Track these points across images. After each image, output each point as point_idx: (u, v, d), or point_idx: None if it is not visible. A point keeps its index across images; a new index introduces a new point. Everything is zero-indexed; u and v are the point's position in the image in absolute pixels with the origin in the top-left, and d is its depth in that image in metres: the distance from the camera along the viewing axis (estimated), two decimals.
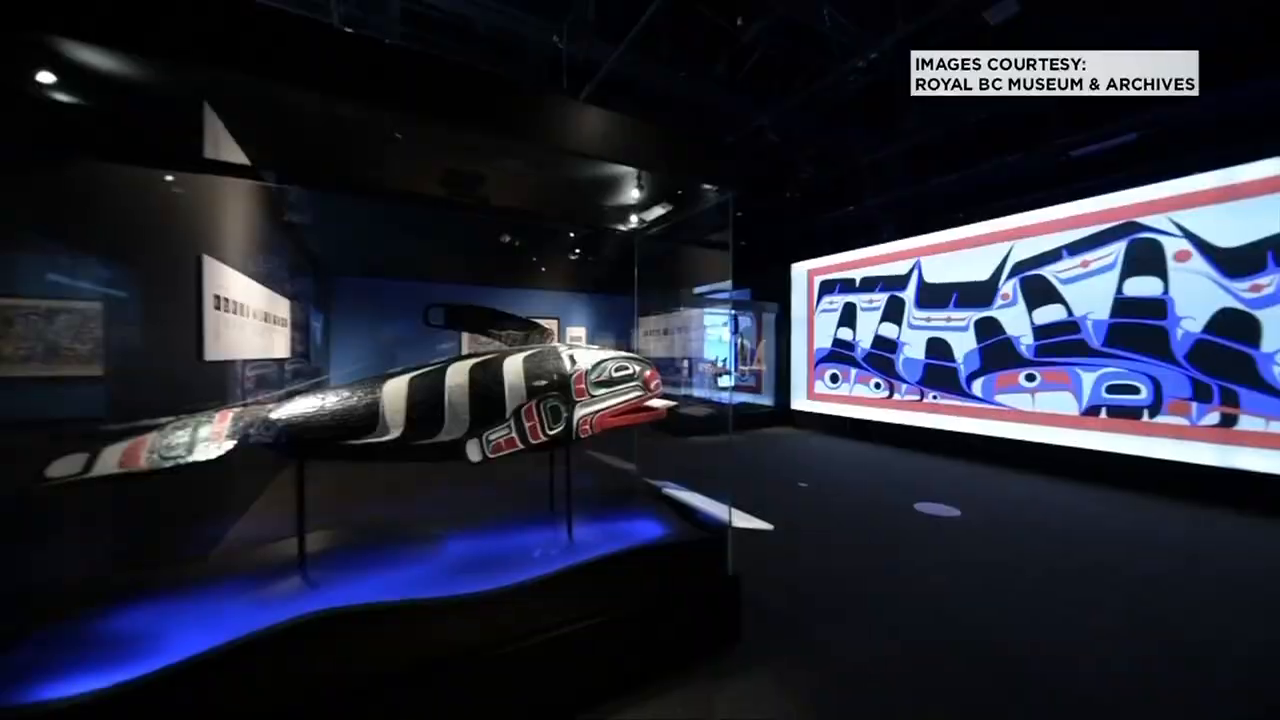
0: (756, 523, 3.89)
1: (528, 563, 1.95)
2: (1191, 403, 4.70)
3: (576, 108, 2.24)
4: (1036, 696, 1.99)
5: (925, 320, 7.01)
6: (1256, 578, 3.02)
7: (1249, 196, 4.43)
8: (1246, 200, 4.44)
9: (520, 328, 2.34)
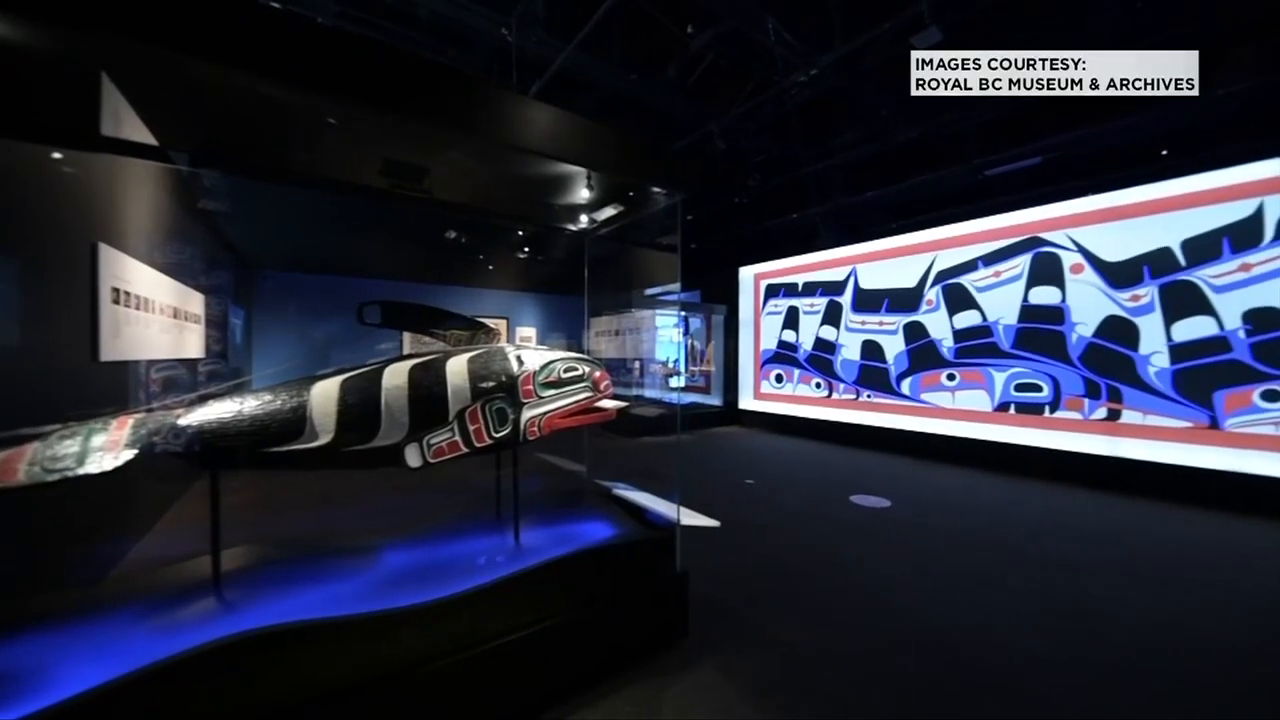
0: (704, 520, 3.98)
1: (471, 571, 1.90)
2: (1084, 399, 5.30)
3: (526, 103, 2.20)
4: (965, 672, 2.16)
5: (860, 324, 7.45)
6: (1141, 554, 3.44)
7: (1130, 217, 5.06)
8: (1128, 220, 5.06)
9: (465, 327, 2.28)
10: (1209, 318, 4.56)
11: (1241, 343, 4.40)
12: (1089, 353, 5.26)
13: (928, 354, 6.60)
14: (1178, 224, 4.76)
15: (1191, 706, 1.96)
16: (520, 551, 2.09)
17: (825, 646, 2.34)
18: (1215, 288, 4.54)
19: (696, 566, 2.94)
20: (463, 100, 1.88)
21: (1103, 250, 5.21)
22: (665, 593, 2.33)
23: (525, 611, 1.87)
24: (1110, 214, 5.18)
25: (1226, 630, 2.48)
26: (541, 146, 2.01)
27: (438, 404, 1.81)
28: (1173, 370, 4.76)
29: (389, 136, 2.35)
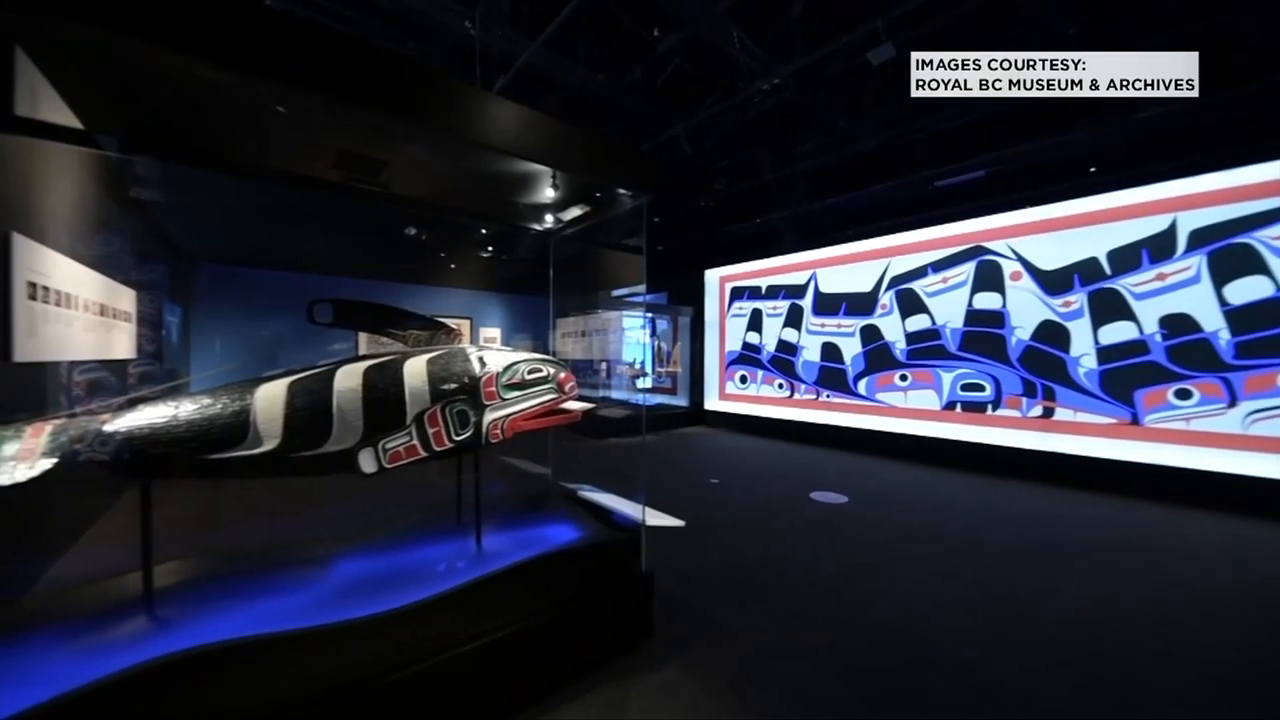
0: (670, 520, 4.01)
1: (431, 578, 1.84)
2: (1022, 398, 5.66)
3: (489, 100, 2.16)
4: (915, 657, 2.26)
5: (820, 326, 7.70)
6: (1073, 542, 3.70)
7: (1063, 229, 5.45)
8: (1061, 231, 5.45)
9: (425, 328, 2.21)
10: (1130, 323, 4.98)
11: (1158, 345, 4.82)
12: (1027, 355, 5.64)
13: (882, 356, 6.89)
14: (1104, 236, 5.17)
15: (1114, 675, 2.12)
16: (482, 557, 2.05)
17: (786, 640, 2.40)
18: (1136, 295, 4.96)
19: (662, 566, 2.96)
20: (423, 94, 1.83)
21: (1039, 259, 5.59)
22: (631, 593, 2.34)
23: (487, 618, 1.83)
24: (1045, 225, 5.57)
25: (1146, 608, 2.70)
26: (505, 144, 1.98)
27: (395, 407, 1.75)
28: (1100, 371, 5.16)
29: (345, 128, 2.26)
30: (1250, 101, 4.54)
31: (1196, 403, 4.63)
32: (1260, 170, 4.38)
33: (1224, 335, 4.50)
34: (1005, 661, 2.24)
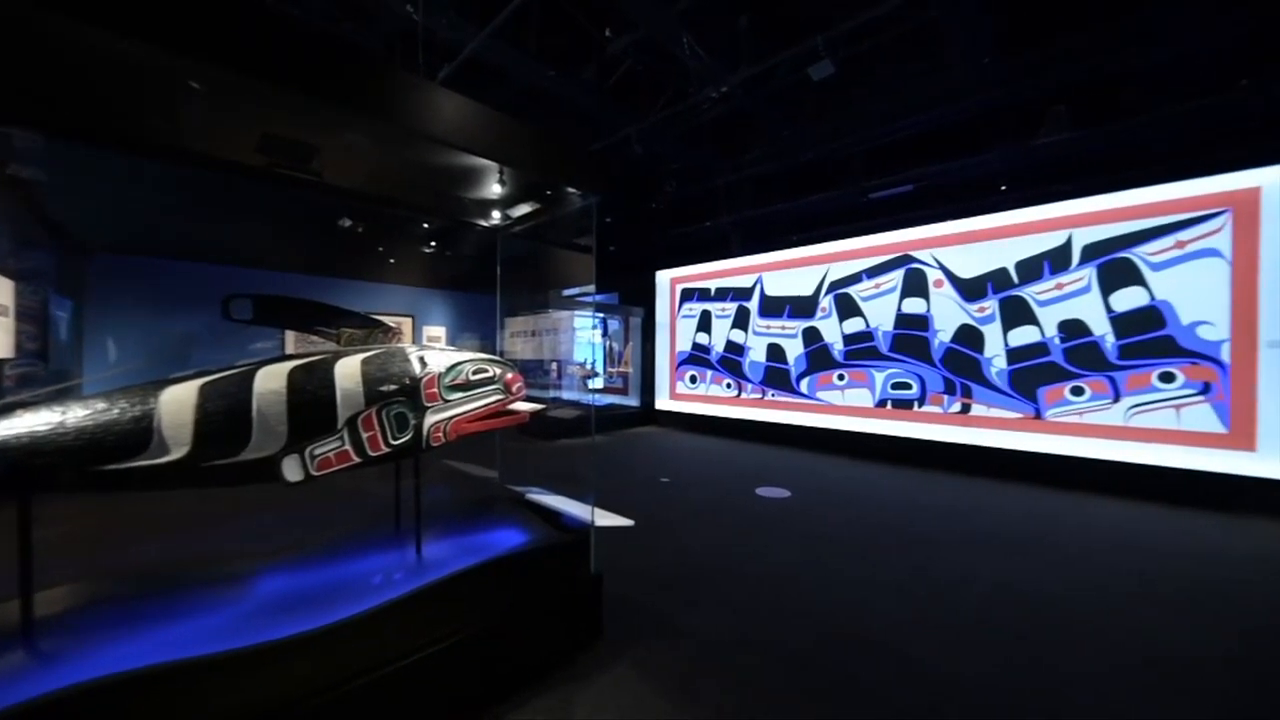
0: (619, 520, 4.02)
1: (364, 592, 1.74)
2: (944, 395, 6.15)
3: (431, 89, 2.07)
4: (852, 642, 2.39)
5: (766, 328, 7.99)
6: (988, 528, 4.05)
7: (978, 241, 5.96)
8: (978, 243, 5.96)
9: (360, 326, 2.10)
10: (1034, 327, 5.53)
11: (1057, 348, 5.39)
12: (948, 356, 6.12)
13: (822, 356, 7.26)
14: (1012, 248, 5.71)
15: (1027, 652, 2.35)
16: (422, 566, 1.97)
17: (731, 633, 2.47)
18: (1039, 302, 5.51)
19: (611, 566, 2.96)
20: (356, 78, 1.73)
21: (958, 268, 6.09)
22: (580, 596, 2.32)
23: (426, 630, 1.76)
24: (964, 237, 6.07)
25: (1052, 588, 3.00)
26: (447, 136, 1.91)
27: (324, 409, 1.64)
28: (1009, 370, 5.69)
29: (270, 110, 2.09)
30: (1133, 133, 5.17)
31: (1088, 399, 5.21)
32: (1139, 194, 5.00)
33: (1109, 339, 5.09)
34: (932, 644, 2.42)
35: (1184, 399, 4.73)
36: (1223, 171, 4.62)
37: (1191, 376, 4.69)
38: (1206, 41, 4.42)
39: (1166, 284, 4.82)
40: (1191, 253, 4.72)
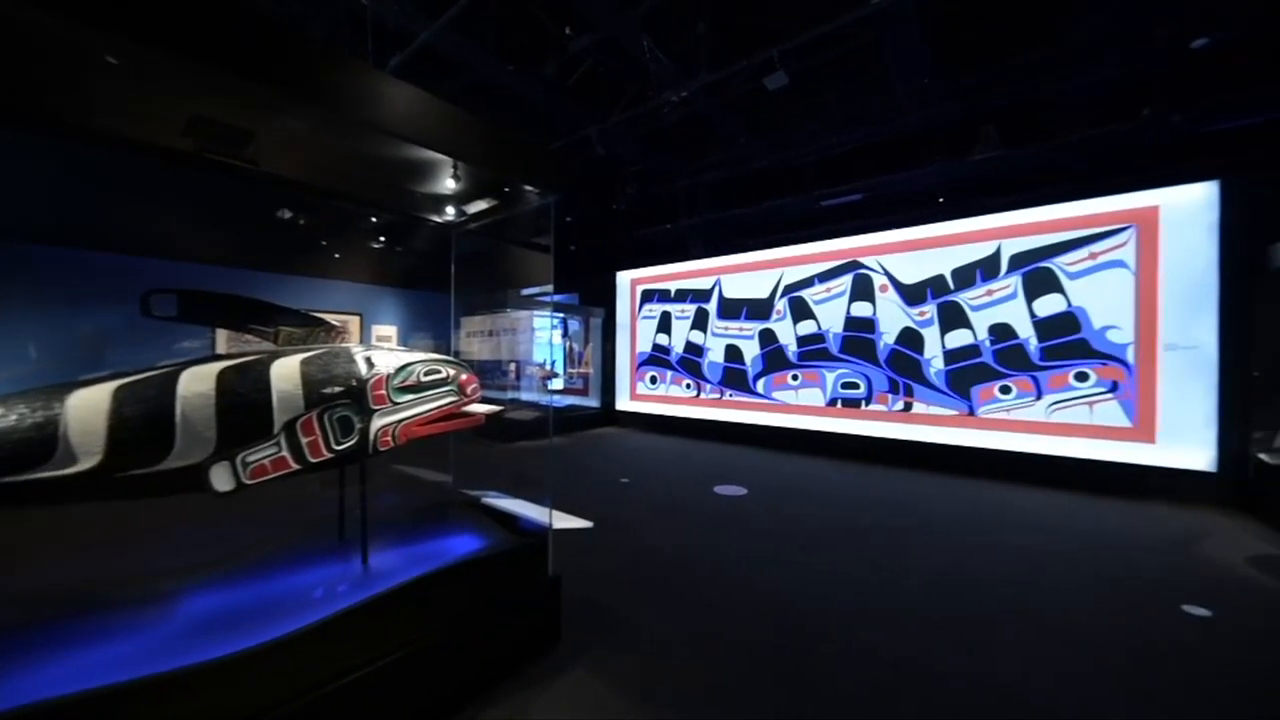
0: (578, 522, 3.99)
1: (304, 607, 1.65)
2: (889, 394, 6.49)
3: (378, 77, 1.98)
4: (808, 632, 2.48)
5: (724, 329, 8.17)
6: (928, 518, 4.30)
7: (920, 249, 6.33)
8: (919, 251, 6.33)
9: (299, 324, 1.98)
10: (968, 330, 5.93)
11: (988, 350, 5.80)
12: (892, 357, 6.47)
13: (777, 357, 7.49)
14: (949, 257, 6.10)
15: (966, 632, 2.51)
16: (369, 577, 1.88)
17: (689, 629, 2.51)
18: (972, 307, 5.92)
19: (570, 569, 2.93)
20: (297, 60, 1.63)
21: (901, 274, 6.45)
22: (537, 600, 2.29)
23: (375, 644, 1.68)
24: (906, 245, 6.44)
25: (982, 571, 3.22)
26: (396, 127, 1.83)
27: (258, 413, 1.54)
28: (946, 371, 6.08)
29: (200, 91, 1.94)
30: (1054, 153, 5.65)
31: (1015, 397, 5.64)
32: (1060, 209, 5.46)
33: (1033, 341, 5.54)
34: (878, 630, 2.54)
35: (1096, 397, 5.20)
36: (1128, 191, 5.13)
37: (1102, 376, 5.17)
38: (1114, 74, 4.89)
39: (1081, 292, 5.30)
40: (1102, 263, 5.20)
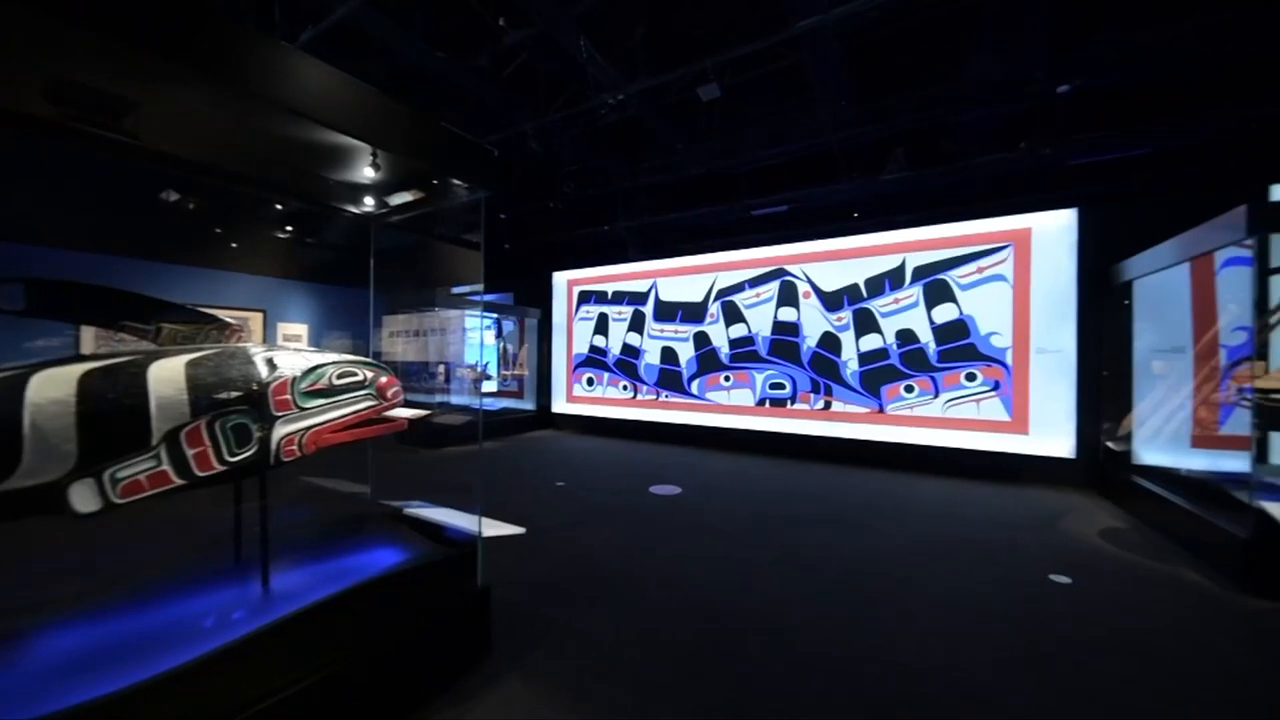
0: (509, 528, 3.88)
1: (190, 638, 1.46)
2: (811, 394, 6.94)
3: (285, 50, 1.81)
4: (735, 625, 2.57)
5: (660, 331, 8.31)
6: (845, 508, 4.63)
7: (838, 259, 6.83)
8: (838, 261, 6.83)
9: (185, 320, 1.76)
10: (878, 335, 6.48)
11: (895, 352, 6.38)
12: (814, 359, 6.93)
13: (710, 359, 7.75)
14: (863, 267, 6.64)
15: (876, 611, 2.73)
16: (269, 600, 1.71)
17: (622, 630, 2.52)
18: (882, 314, 6.47)
19: (501, 578, 2.86)
20: (182, 26, 1.45)
21: (822, 282, 6.92)
22: (465, 612, 2.19)
23: (276, 674, 1.53)
24: (826, 255, 6.92)
25: (889, 554, 3.53)
26: (301, 107, 1.68)
27: (132, 422, 1.35)
28: (860, 372, 6.61)
29: (61, 48, 1.66)
30: (949, 176, 6.32)
31: (917, 395, 6.24)
32: (953, 227, 6.12)
33: (932, 345, 6.16)
34: (800, 615, 2.70)
35: (982, 394, 5.89)
36: (1008, 214, 5.86)
37: (987, 376, 5.86)
38: (1000, 110, 5.56)
39: (970, 301, 5.97)
40: (987, 277, 5.90)
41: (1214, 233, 3.49)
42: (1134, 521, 4.29)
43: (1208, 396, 4.62)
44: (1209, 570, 3.25)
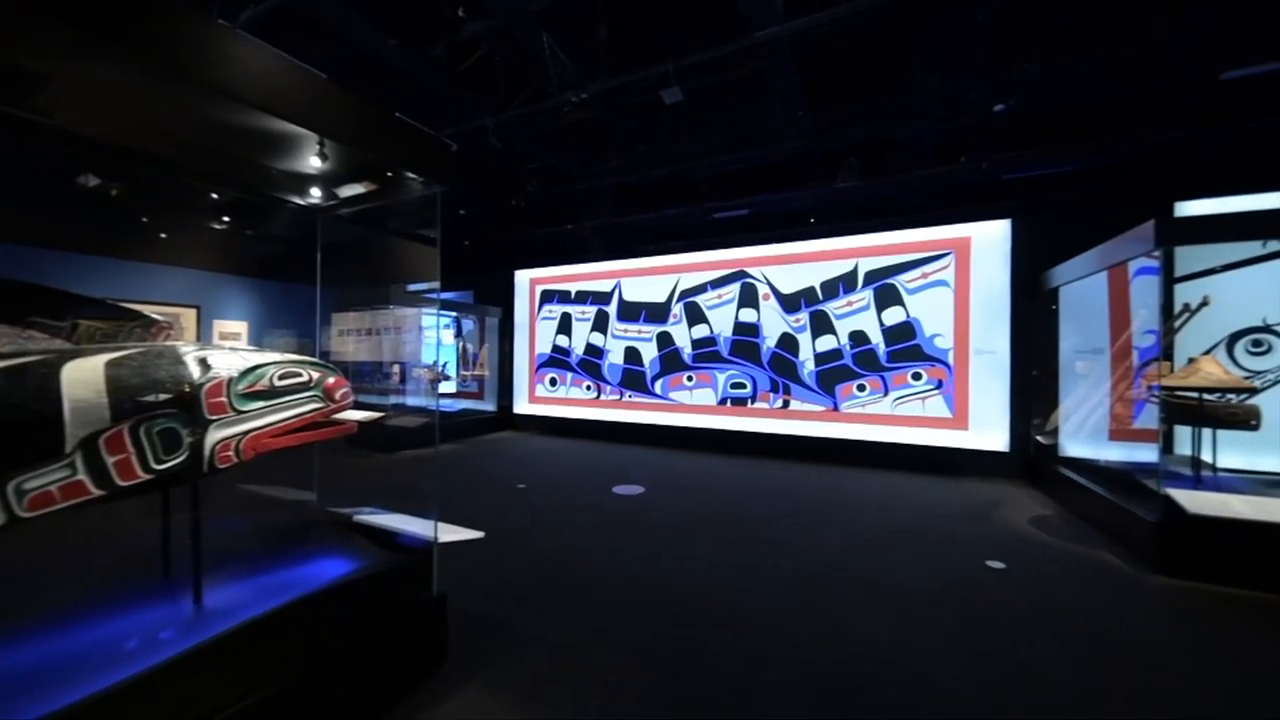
0: (467, 533, 3.78)
1: (112, 662, 1.35)
2: (771, 393, 7.13)
3: (222, 30, 1.70)
4: (690, 622, 2.61)
5: (624, 332, 8.32)
6: (801, 503, 4.78)
7: (795, 262, 7.05)
8: (795, 264, 7.05)
9: (105, 317, 1.62)
10: (833, 336, 6.75)
11: (848, 353, 6.65)
12: (773, 360, 7.13)
13: (673, 360, 7.84)
14: (818, 271, 6.89)
15: (828, 598, 2.83)
16: (202, 618, 1.59)
17: (583, 632, 2.51)
18: (836, 316, 6.74)
19: (459, 584, 2.78)
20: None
21: (781, 284, 7.13)
22: (419, 621, 2.12)
23: (210, 696, 1.43)
24: (784, 259, 7.14)
25: (841, 544, 3.67)
26: (236, 89, 1.58)
27: (41, 428, 1.23)
28: (816, 372, 6.85)
29: None
30: (898, 186, 6.66)
31: (868, 394, 6.53)
32: (902, 234, 6.44)
33: (882, 346, 6.47)
34: (757, 609, 2.77)
35: (927, 393, 6.23)
36: (950, 223, 6.23)
37: (931, 375, 6.21)
38: (943, 125, 5.90)
39: (917, 305, 6.31)
40: (931, 282, 6.25)
41: (1127, 245, 3.83)
42: (1060, 509, 4.65)
43: (1123, 394, 5.08)
44: (1123, 552, 3.57)
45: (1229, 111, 5.15)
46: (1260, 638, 2.52)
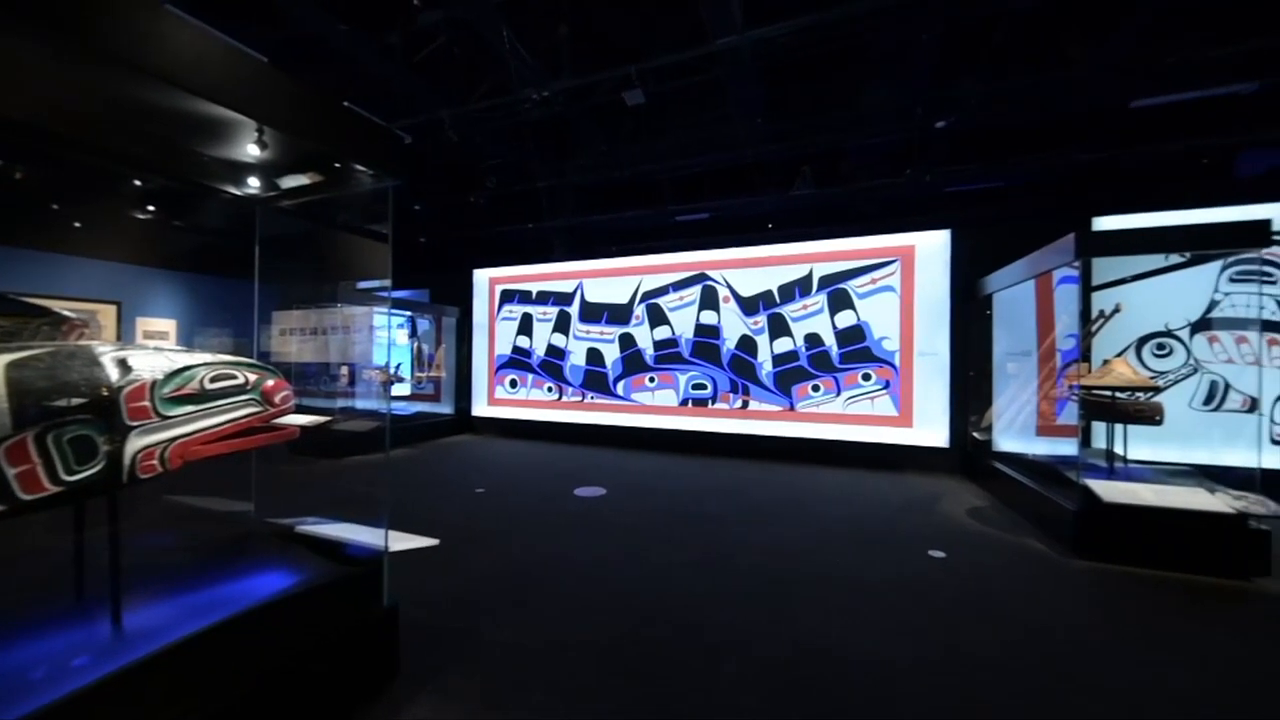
0: (421, 540, 3.65)
1: (9, 697, 1.21)
2: (731, 394, 7.28)
3: (149, 4, 1.57)
4: (650, 622, 2.62)
5: (586, 333, 8.27)
6: (759, 500, 4.90)
7: (754, 266, 7.24)
8: (755, 269, 7.23)
9: (6, 313, 1.46)
10: (790, 338, 6.97)
11: (804, 354, 6.89)
12: (733, 361, 7.29)
13: (636, 361, 7.86)
14: (776, 275, 7.10)
15: (784, 592, 2.92)
16: (122, 641, 1.46)
17: (540, 637, 2.47)
18: (793, 318, 6.96)
19: (411, 594, 2.69)
20: None
21: (740, 287, 7.30)
22: (369, 634, 2.03)
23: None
24: (744, 262, 7.31)
25: (796, 540, 3.79)
26: (159, 69, 1.46)
27: None
28: (774, 373, 7.05)
29: None
30: (849, 195, 6.95)
31: (822, 394, 6.79)
32: (853, 241, 6.74)
33: (834, 348, 6.74)
34: (716, 606, 2.82)
35: (875, 392, 6.54)
36: (896, 231, 6.56)
37: (880, 376, 6.52)
38: (890, 139, 6.22)
39: (866, 309, 6.61)
40: (879, 287, 6.56)
41: (1051, 255, 4.16)
42: (994, 501, 4.99)
43: (1048, 393, 5.51)
44: (1048, 539, 3.87)
45: (1142, 135, 5.69)
46: (1165, 613, 2.80)
